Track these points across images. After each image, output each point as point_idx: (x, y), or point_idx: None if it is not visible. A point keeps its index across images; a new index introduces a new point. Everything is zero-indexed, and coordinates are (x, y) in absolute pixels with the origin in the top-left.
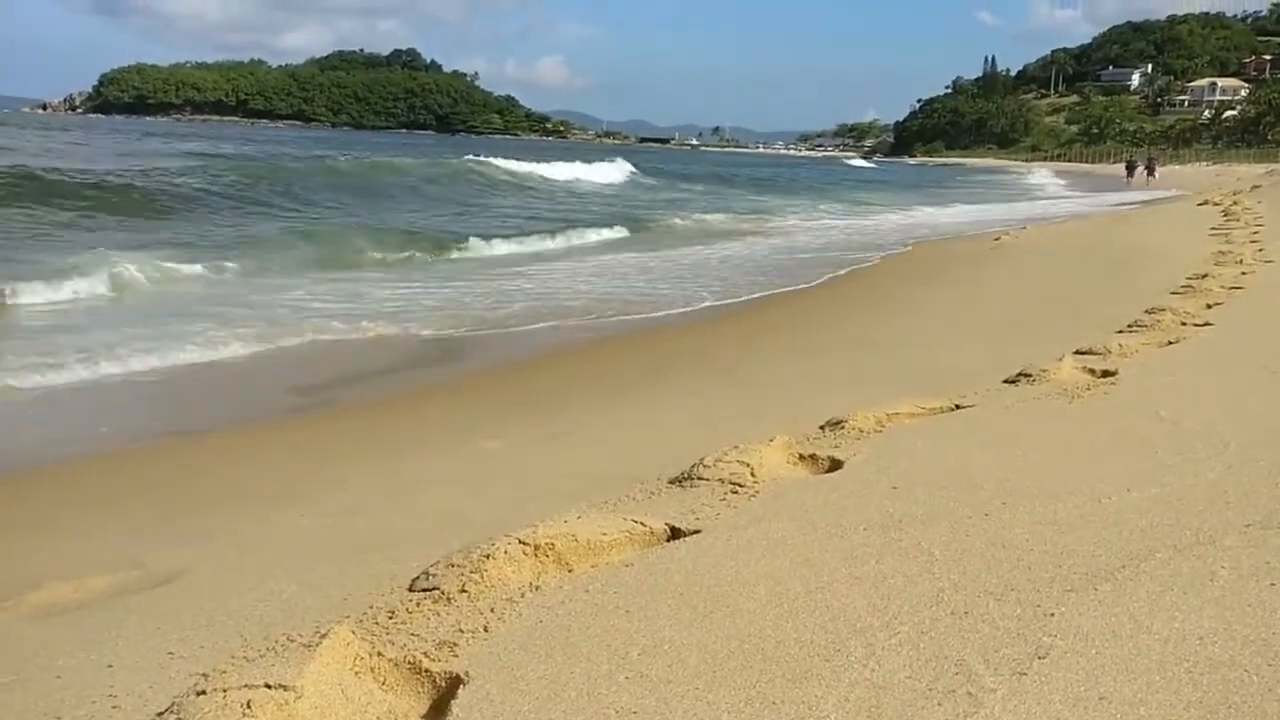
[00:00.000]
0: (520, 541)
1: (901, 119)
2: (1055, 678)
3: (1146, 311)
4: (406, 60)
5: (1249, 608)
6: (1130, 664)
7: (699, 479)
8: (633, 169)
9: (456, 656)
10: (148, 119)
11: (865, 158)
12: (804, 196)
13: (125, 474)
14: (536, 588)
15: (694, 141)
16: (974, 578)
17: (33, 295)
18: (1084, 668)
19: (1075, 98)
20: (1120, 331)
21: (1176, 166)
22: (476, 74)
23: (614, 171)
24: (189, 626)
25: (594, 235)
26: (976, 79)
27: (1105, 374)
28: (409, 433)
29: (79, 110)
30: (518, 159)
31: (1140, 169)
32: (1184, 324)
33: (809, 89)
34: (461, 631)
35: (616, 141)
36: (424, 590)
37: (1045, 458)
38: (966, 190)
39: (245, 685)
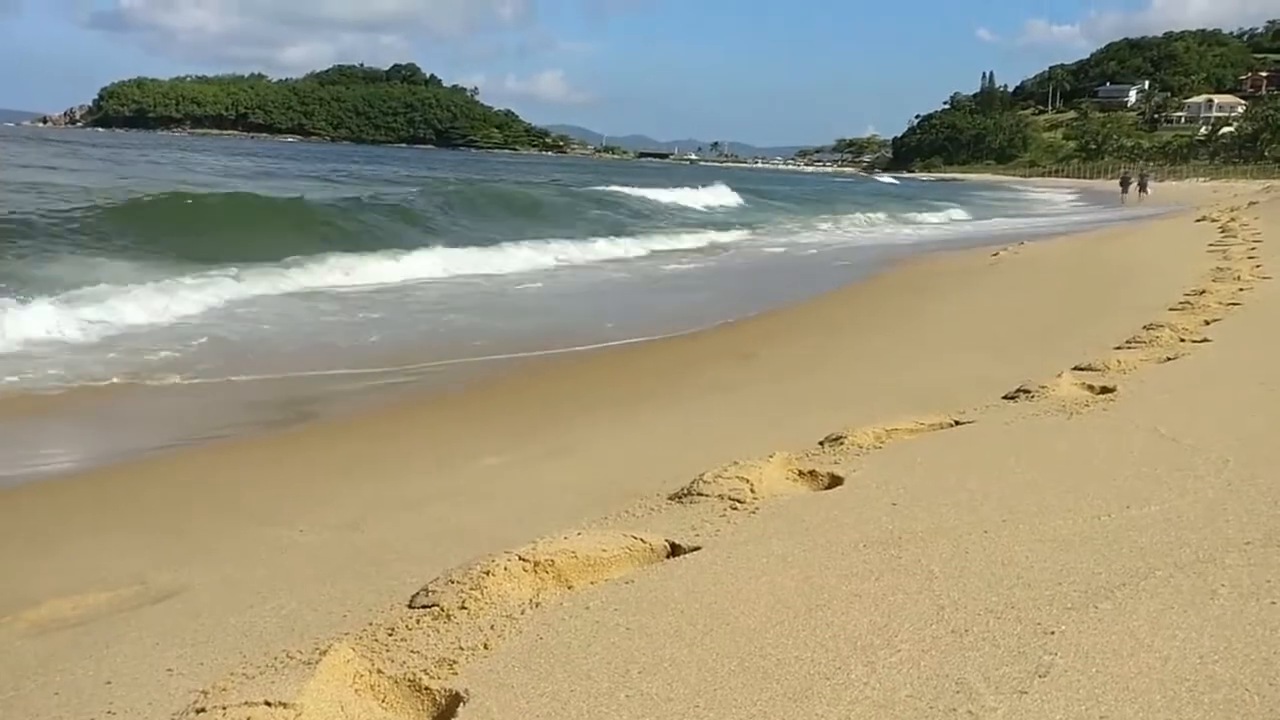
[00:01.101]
0: (520, 558)
1: (900, 134)
2: (1056, 696)
3: (1145, 328)
4: (406, 75)
5: (1250, 626)
6: (1131, 683)
7: (698, 495)
8: (730, 189)
9: (456, 674)
10: (147, 133)
11: (868, 171)
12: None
13: (124, 489)
14: (536, 604)
15: (693, 156)
16: (974, 595)
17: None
18: (1085, 686)
19: (1073, 113)
20: (1119, 348)
21: (1174, 183)
22: (476, 88)
23: (726, 194)
24: (189, 643)
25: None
26: (974, 95)
27: (1104, 390)
28: (408, 449)
29: (79, 124)
30: (653, 187)
31: (1134, 185)
32: (1182, 340)
33: (807, 104)
34: (461, 649)
35: (616, 156)
36: (424, 607)
37: (1044, 474)
38: (984, 205)
39: (245, 703)
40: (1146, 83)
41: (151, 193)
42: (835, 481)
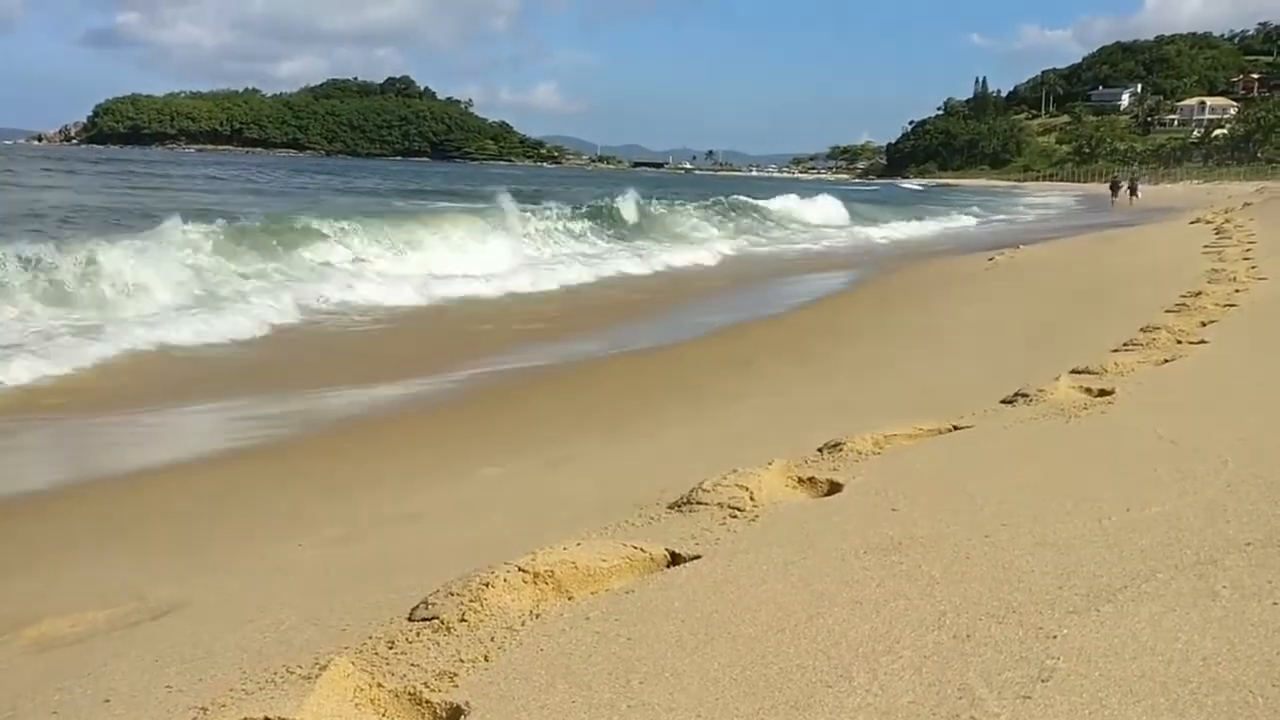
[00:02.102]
0: (520, 569)
1: (894, 140)
2: (1059, 701)
3: (1142, 330)
4: (400, 88)
5: (1252, 627)
6: (1134, 686)
7: (698, 503)
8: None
9: (457, 686)
10: (144, 149)
11: (861, 177)
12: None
13: (122, 506)
14: (536, 616)
15: (687, 165)
16: (975, 600)
17: None
18: (1088, 690)
19: (1066, 118)
20: (1116, 350)
21: (1168, 185)
22: (470, 100)
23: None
24: (188, 659)
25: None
26: (968, 100)
27: (1102, 393)
28: (407, 462)
29: (74, 141)
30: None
31: (1124, 189)
32: (1179, 342)
33: (801, 112)
34: (461, 661)
35: (611, 166)
36: (423, 619)
37: (1044, 478)
38: (995, 208)
39: (244, 718)
40: (1139, 86)
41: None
42: (835, 488)
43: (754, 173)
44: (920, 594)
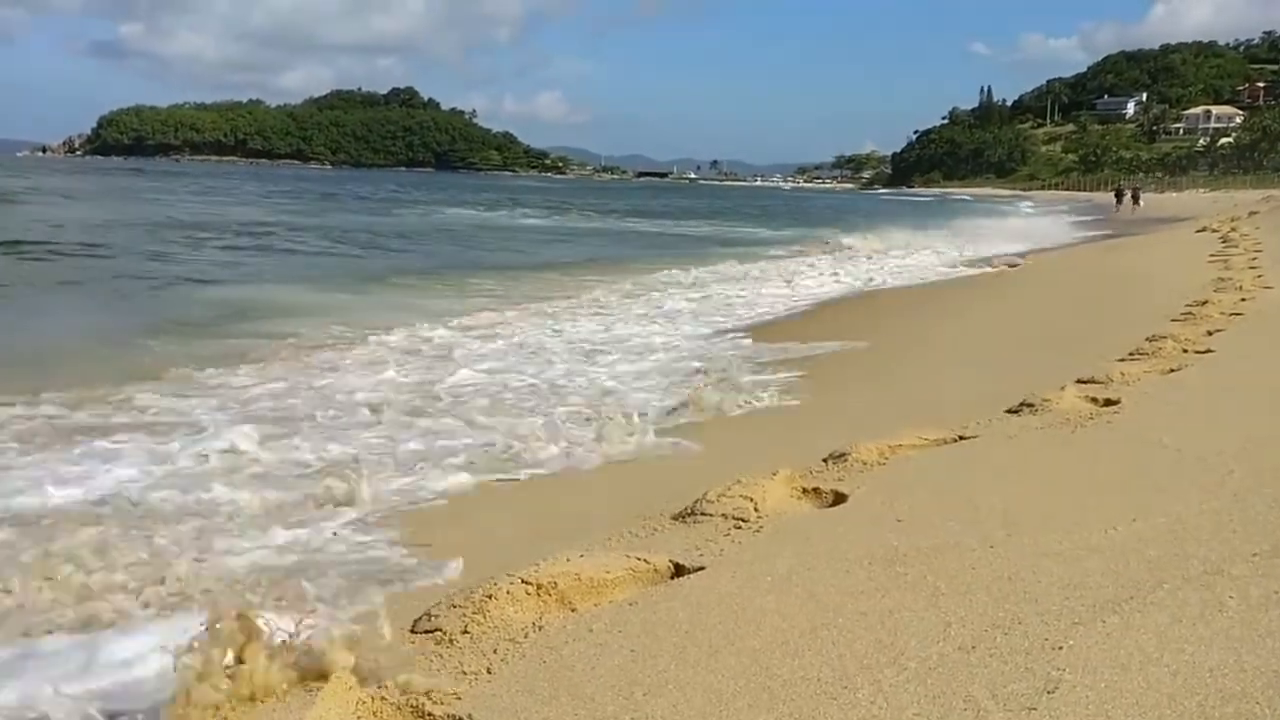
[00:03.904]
0: (523, 581)
1: (899, 150)
2: (1065, 713)
3: (1148, 339)
4: (404, 98)
5: (1259, 638)
6: (1141, 697)
7: (702, 514)
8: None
9: (460, 699)
10: (147, 160)
11: (866, 187)
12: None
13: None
14: (539, 628)
15: (692, 175)
16: (980, 611)
17: None
18: (1094, 702)
19: (1071, 126)
20: (1122, 360)
21: (1174, 194)
22: (474, 111)
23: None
24: None
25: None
26: (973, 109)
27: (1108, 403)
28: None
29: (78, 152)
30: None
31: (1128, 197)
32: (1185, 351)
33: (806, 121)
34: (464, 674)
35: (615, 176)
36: (426, 632)
37: (1049, 488)
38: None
39: None
40: (1144, 94)
41: None
42: (839, 498)
43: (759, 182)
44: (925, 605)
